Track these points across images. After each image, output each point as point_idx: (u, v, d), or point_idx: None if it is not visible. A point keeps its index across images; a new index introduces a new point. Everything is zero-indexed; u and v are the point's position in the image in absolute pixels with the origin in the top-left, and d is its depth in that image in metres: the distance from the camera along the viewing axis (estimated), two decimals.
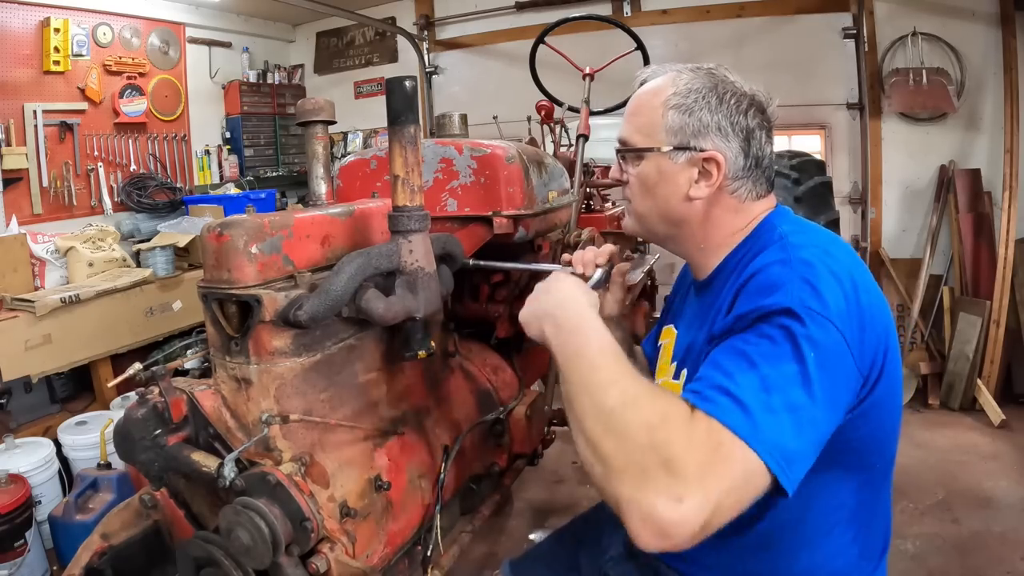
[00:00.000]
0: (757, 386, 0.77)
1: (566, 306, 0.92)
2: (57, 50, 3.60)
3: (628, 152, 1.04)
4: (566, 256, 1.23)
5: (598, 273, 1.16)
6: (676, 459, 0.72)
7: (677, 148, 0.99)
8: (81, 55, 3.77)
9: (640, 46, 2.65)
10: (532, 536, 2.49)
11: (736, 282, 0.93)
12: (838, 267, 0.88)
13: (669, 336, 1.17)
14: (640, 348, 1.33)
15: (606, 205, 3.04)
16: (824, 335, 0.79)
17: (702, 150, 0.98)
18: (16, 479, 2.21)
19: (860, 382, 0.84)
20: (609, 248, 1.17)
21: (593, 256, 1.17)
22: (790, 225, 0.99)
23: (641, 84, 1.06)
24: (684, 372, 1.04)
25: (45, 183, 3.61)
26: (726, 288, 0.96)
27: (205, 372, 2.00)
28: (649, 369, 1.28)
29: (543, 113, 2.76)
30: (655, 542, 0.71)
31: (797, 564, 0.96)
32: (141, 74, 4.16)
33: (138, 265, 3.48)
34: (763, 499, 0.76)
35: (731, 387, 0.77)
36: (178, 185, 4.34)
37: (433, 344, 1.22)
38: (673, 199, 1.01)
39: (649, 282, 2.95)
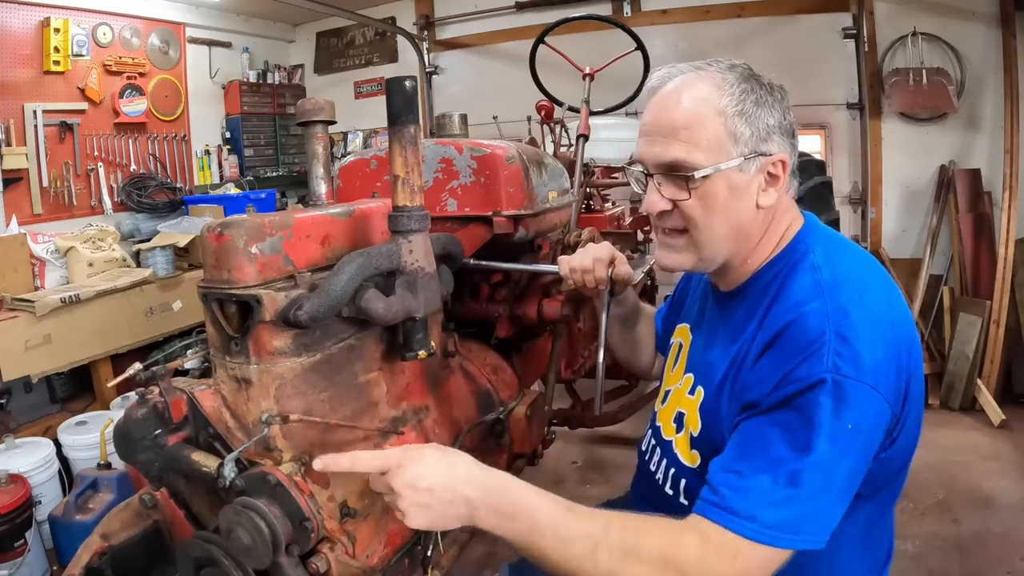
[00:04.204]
0: (779, 479, 0.78)
1: (482, 484, 0.82)
2: (57, 50, 3.60)
3: (683, 176, 0.90)
4: (563, 267, 1.25)
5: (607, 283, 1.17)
6: None
7: (748, 158, 0.90)
8: (81, 55, 3.77)
9: (640, 46, 2.65)
10: None
11: (764, 306, 0.91)
12: (874, 306, 0.85)
13: (683, 337, 1.14)
14: (650, 312, 1.35)
15: (606, 205, 3.04)
16: (860, 401, 0.79)
17: (770, 154, 0.91)
18: (16, 479, 2.21)
19: (893, 422, 0.84)
20: (606, 252, 1.18)
21: (605, 273, 1.20)
22: (821, 248, 0.93)
23: (660, 86, 0.95)
24: (700, 390, 1.01)
25: (45, 183, 3.61)
26: (753, 308, 0.93)
27: (205, 372, 2.00)
28: (655, 339, 1.30)
29: (543, 113, 2.76)
30: None
31: None
32: (141, 74, 4.16)
33: (138, 265, 3.48)
34: None
35: (749, 489, 0.78)
36: (178, 185, 4.35)
37: (433, 344, 1.22)
38: (746, 213, 0.92)
39: (649, 282, 2.96)
